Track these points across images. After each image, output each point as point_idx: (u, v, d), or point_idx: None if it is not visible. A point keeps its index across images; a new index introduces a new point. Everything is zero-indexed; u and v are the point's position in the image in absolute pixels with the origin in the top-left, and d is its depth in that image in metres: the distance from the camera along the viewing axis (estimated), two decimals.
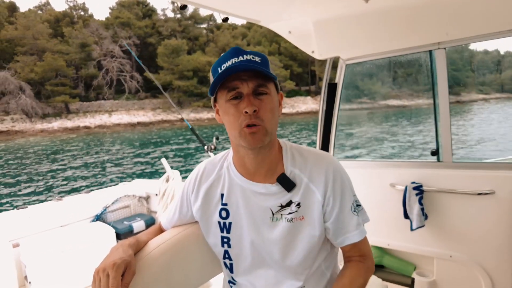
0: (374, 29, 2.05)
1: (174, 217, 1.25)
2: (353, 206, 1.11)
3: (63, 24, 41.02)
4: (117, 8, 45.15)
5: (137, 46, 41.35)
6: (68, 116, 35.35)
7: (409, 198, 2.11)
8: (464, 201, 1.98)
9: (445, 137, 2.07)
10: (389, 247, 2.28)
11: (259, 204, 1.09)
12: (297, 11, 1.93)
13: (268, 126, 1.01)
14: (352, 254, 1.15)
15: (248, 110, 0.97)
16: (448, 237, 2.06)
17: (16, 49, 36.23)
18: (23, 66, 34.69)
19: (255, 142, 1.00)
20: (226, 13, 1.80)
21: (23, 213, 3.10)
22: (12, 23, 37.68)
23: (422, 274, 2.20)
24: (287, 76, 41.68)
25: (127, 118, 36.09)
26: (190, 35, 46.38)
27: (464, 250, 2.01)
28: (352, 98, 26.54)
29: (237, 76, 0.98)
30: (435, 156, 2.19)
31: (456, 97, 32.83)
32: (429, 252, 2.13)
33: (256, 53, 1.04)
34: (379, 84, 25.15)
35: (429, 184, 2.09)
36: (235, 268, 1.16)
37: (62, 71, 36.26)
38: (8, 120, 32.95)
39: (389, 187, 2.21)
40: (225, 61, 1.01)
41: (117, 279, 0.92)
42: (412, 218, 2.11)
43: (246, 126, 0.99)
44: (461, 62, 26.65)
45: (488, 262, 1.94)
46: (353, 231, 1.10)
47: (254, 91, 0.99)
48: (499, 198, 1.88)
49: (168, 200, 3.42)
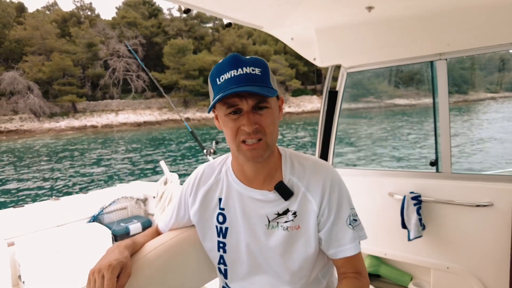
0: (376, 39, 2.05)
1: (171, 219, 1.25)
2: (349, 219, 1.08)
3: (70, 24, 41.38)
4: (123, 8, 45.40)
5: (143, 45, 41.54)
6: (75, 115, 35.71)
7: (407, 208, 2.11)
8: (462, 212, 1.98)
9: (444, 147, 2.06)
10: (386, 256, 2.28)
11: (256, 211, 1.09)
12: (300, 18, 1.94)
13: (269, 140, 1.00)
14: (347, 270, 1.12)
15: (247, 129, 0.96)
16: (445, 248, 2.06)
17: (25, 49, 36.68)
18: (32, 66, 35.10)
19: (254, 158, 1.00)
20: (230, 18, 1.82)
21: (19, 211, 3.10)
22: (21, 23, 38.11)
23: (418, 285, 2.20)
24: (293, 75, 41.57)
25: (133, 118, 36.31)
26: (196, 34, 46.45)
27: (462, 262, 2.00)
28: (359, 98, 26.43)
29: (237, 93, 0.96)
30: (434, 167, 2.19)
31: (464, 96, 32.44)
32: (426, 262, 2.13)
33: (256, 62, 1.00)
34: (385, 83, 25.00)
35: (428, 195, 2.08)
36: (230, 274, 1.15)
37: (69, 71, 36.61)
38: (16, 119, 33.37)
39: (387, 196, 2.21)
40: (224, 71, 0.98)
41: (112, 280, 0.92)
42: (410, 228, 2.11)
43: (243, 142, 0.98)
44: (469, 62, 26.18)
45: (485, 274, 1.94)
46: (347, 244, 1.07)
47: (254, 107, 0.98)
48: (498, 210, 1.87)
49: (165, 203, 3.41)
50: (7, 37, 37.20)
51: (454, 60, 2.03)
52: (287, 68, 41.44)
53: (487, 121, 23.01)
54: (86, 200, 3.57)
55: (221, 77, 0.98)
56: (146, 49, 41.92)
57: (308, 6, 1.75)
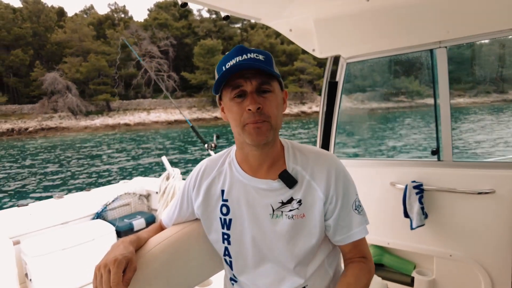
0: (375, 28, 2.05)
1: (174, 214, 1.26)
2: (355, 204, 1.10)
3: (105, 26, 43.32)
4: (155, 10, 46.84)
5: (174, 46, 42.65)
6: (109, 113, 37.35)
7: (409, 197, 2.11)
8: (464, 200, 1.96)
9: (445, 136, 2.05)
10: (389, 245, 2.28)
11: (260, 200, 1.09)
12: (298, 9, 1.94)
13: (273, 121, 1.01)
14: (354, 256, 1.13)
15: (252, 108, 0.97)
16: (448, 236, 2.04)
17: (64, 51, 38.93)
18: (70, 67, 37.19)
19: (259, 137, 1.00)
20: (227, 11, 1.83)
21: (24, 210, 3.13)
22: (61, 27, 40.43)
23: (422, 273, 2.19)
24: (321, 74, 40.85)
25: (164, 116, 37.40)
26: (225, 35, 47.10)
27: (464, 249, 1.98)
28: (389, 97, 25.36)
29: (241, 75, 0.98)
30: (435, 155, 2.17)
31: (502, 96, 30.60)
32: (429, 251, 2.12)
33: (260, 51, 1.04)
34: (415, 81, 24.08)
35: (429, 183, 2.07)
36: (235, 266, 1.15)
37: (104, 71, 38.42)
38: (56, 117, 35.45)
39: (389, 186, 2.21)
40: (229, 59, 1.01)
41: (118, 275, 0.92)
42: (412, 217, 2.10)
43: (250, 122, 0.99)
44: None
45: (488, 261, 1.91)
46: (356, 228, 1.09)
47: (258, 89, 0.99)
48: (500, 197, 1.84)
49: (168, 198, 3.43)
50: (49, 40, 39.62)
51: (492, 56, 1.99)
52: (315, 67, 41.07)
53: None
54: (89, 198, 3.58)
55: (226, 64, 1.01)
56: (177, 50, 42.99)
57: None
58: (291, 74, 43.03)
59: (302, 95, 42.83)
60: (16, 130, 33.06)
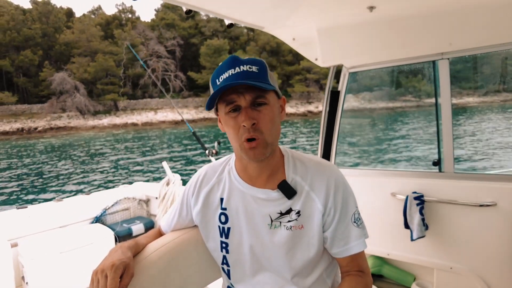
0: (378, 38, 2.05)
1: (174, 220, 1.25)
2: (354, 217, 1.08)
3: (113, 27, 43.70)
4: (162, 10, 47.08)
5: (181, 46, 42.85)
6: (116, 113, 37.72)
7: (409, 208, 2.10)
8: (466, 212, 1.95)
9: (447, 147, 2.04)
10: (388, 256, 2.27)
11: (258, 210, 1.07)
12: (301, 18, 1.94)
13: (268, 138, 0.99)
14: (351, 269, 1.11)
15: (246, 124, 0.96)
16: (448, 248, 2.03)
17: (73, 51, 39.39)
18: (78, 67, 37.64)
19: (256, 156, 0.99)
20: (231, 19, 1.83)
21: (22, 212, 3.09)
22: (69, 27, 40.91)
23: (421, 285, 2.17)
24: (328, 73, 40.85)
25: (171, 116, 37.66)
26: (231, 34, 47.17)
27: (465, 262, 1.97)
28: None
29: (234, 89, 0.97)
30: (437, 166, 2.16)
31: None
32: (429, 263, 2.10)
33: (253, 61, 1.01)
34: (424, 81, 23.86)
35: (430, 194, 2.06)
36: (233, 275, 1.14)
37: (112, 71, 38.81)
38: (64, 117, 35.90)
39: (390, 196, 2.21)
40: (222, 72, 0.99)
41: (115, 280, 0.91)
42: (413, 228, 2.10)
43: (245, 140, 0.98)
44: None
45: (489, 275, 1.90)
46: (355, 241, 1.07)
47: (252, 103, 0.98)
48: (501, 210, 1.83)
49: (168, 204, 3.40)
50: (58, 41, 40.12)
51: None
52: (323, 68, 40.81)
53: None
54: (88, 201, 3.55)
55: (220, 77, 1.00)
56: (184, 50, 43.19)
57: (309, 6, 1.76)
58: (297, 74, 42.96)
59: (309, 94, 42.74)
60: (26, 129, 33.59)
